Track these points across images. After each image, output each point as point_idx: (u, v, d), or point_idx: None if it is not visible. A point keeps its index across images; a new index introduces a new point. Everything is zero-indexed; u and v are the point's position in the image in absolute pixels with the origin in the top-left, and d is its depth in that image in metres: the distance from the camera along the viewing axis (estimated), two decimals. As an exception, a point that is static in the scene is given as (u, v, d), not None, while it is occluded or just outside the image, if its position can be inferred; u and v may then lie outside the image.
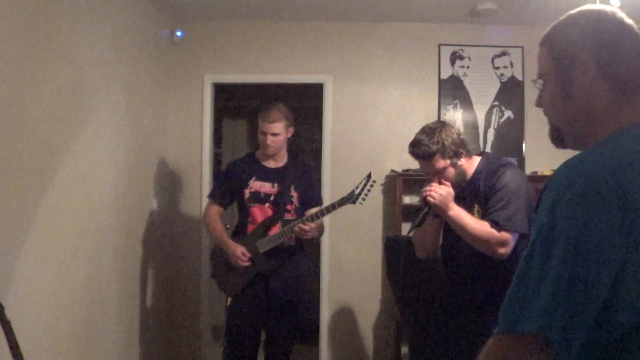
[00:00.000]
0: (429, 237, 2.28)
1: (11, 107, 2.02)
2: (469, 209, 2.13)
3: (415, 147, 2.15)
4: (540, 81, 1.09)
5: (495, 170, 2.13)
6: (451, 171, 2.15)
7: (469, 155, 2.21)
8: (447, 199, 2.08)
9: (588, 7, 1.07)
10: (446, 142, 2.11)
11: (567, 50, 1.02)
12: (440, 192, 2.08)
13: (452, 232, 2.17)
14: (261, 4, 3.63)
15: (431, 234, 2.27)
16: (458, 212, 2.08)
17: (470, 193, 2.18)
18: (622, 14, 1.04)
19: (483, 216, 2.11)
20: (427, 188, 2.12)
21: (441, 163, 2.13)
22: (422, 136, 2.15)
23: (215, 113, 4.16)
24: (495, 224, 2.02)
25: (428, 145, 2.11)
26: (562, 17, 1.10)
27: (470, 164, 2.21)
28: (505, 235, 2.01)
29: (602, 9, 1.05)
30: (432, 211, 2.15)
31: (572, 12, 1.08)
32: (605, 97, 0.98)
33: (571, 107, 1.02)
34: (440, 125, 2.18)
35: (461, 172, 2.17)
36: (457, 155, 2.15)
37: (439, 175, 2.15)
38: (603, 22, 1.02)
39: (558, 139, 1.09)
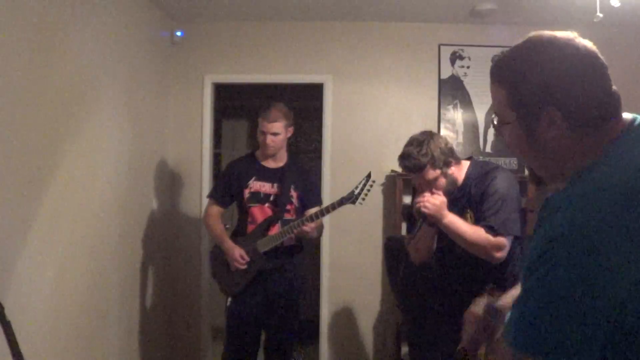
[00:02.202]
0: (423, 245, 2.29)
1: (11, 107, 2.02)
2: (461, 215, 2.15)
3: (405, 160, 2.18)
4: (496, 118, 1.08)
5: (485, 174, 2.16)
6: (442, 180, 2.18)
7: (457, 162, 2.24)
8: (441, 208, 2.10)
9: (544, 38, 1.02)
10: (435, 153, 2.14)
11: (533, 101, 0.99)
12: (434, 202, 2.10)
13: (446, 238, 2.19)
14: (261, 4, 3.63)
15: (425, 242, 2.28)
16: (453, 220, 2.09)
17: (461, 199, 2.20)
18: (578, 39, 1.01)
19: (476, 221, 2.13)
20: (420, 199, 2.14)
21: (432, 174, 2.16)
22: (411, 149, 2.17)
23: (215, 113, 4.16)
24: (490, 229, 2.04)
25: (418, 158, 2.13)
26: (517, 52, 1.03)
27: (460, 170, 2.24)
28: (500, 239, 2.03)
29: (561, 40, 1.01)
30: (427, 221, 2.17)
31: (528, 45, 1.02)
32: (569, 140, 0.99)
33: (538, 153, 1.03)
34: (428, 136, 2.20)
35: (452, 180, 2.20)
36: (447, 164, 2.17)
37: (430, 186, 2.17)
38: (567, 63, 0.98)
39: (536, 178, 1.09)
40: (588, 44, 1.01)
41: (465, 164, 2.26)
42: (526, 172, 3.79)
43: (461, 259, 2.16)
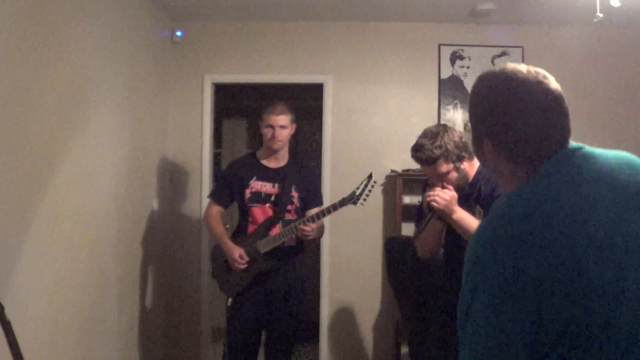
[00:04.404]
0: (432, 238, 2.27)
1: (11, 108, 2.02)
2: (471, 211, 2.13)
3: (418, 152, 2.14)
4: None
5: None
6: (454, 175, 2.15)
7: (471, 157, 2.21)
8: (451, 203, 2.08)
9: (502, 73, 1.13)
10: (449, 147, 2.10)
11: (475, 131, 1.17)
12: (444, 196, 2.08)
13: (454, 233, 2.17)
14: (261, 4, 3.63)
15: (434, 235, 2.26)
16: (462, 216, 2.07)
17: (471, 195, 2.19)
18: (530, 84, 1.08)
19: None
20: (431, 193, 2.11)
21: (444, 167, 2.13)
22: (425, 140, 2.13)
23: (215, 113, 4.16)
24: None
25: (431, 150, 2.10)
26: (480, 79, 1.17)
27: (472, 166, 2.21)
28: None
29: (510, 80, 1.10)
30: (436, 215, 2.15)
31: (486, 77, 1.16)
32: (505, 166, 1.13)
33: (484, 164, 1.21)
34: (443, 128, 2.17)
35: (464, 176, 2.18)
36: (460, 158, 2.14)
37: (442, 179, 2.14)
38: (498, 102, 1.10)
39: None
40: (546, 88, 1.08)
41: (476, 161, 2.23)
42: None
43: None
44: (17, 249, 2.08)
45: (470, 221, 2.07)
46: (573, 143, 1.09)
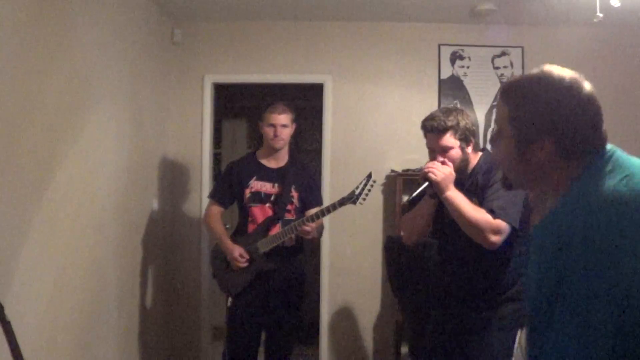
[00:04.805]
0: (420, 220, 2.27)
1: (12, 108, 2.02)
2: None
3: (430, 120, 2.17)
4: (496, 128, 1.23)
5: (494, 165, 2.16)
6: (457, 153, 2.16)
7: (476, 148, 2.24)
8: (448, 179, 2.08)
9: (554, 75, 1.14)
10: (460, 123, 2.14)
11: (530, 128, 1.13)
12: (443, 170, 2.09)
13: (447, 225, 2.17)
14: (261, 4, 3.63)
15: (423, 217, 2.25)
16: (455, 195, 2.07)
17: (469, 186, 2.20)
18: (582, 81, 1.13)
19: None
20: (430, 165, 2.13)
21: (450, 141, 2.15)
22: (438, 113, 2.19)
23: (215, 113, 4.16)
24: (490, 212, 2.02)
25: (443, 120, 2.14)
26: (528, 80, 1.17)
27: (474, 158, 2.24)
28: (500, 223, 2.00)
29: (568, 80, 1.13)
30: (430, 190, 2.15)
31: (540, 76, 1.15)
32: (556, 164, 1.13)
33: (524, 168, 1.17)
34: (458, 109, 2.23)
35: (465, 159, 2.19)
36: (467, 140, 2.17)
37: (444, 153, 2.16)
38: (563, 100, 1.11)
39: (506, 184, 1.29)
40: (588, 86, 1.13)
41: (479, 154, 2.26)
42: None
43: (462, 247, 2.15)
44: (17, 249, 2.08)
45: (461, 201, 2.06)
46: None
